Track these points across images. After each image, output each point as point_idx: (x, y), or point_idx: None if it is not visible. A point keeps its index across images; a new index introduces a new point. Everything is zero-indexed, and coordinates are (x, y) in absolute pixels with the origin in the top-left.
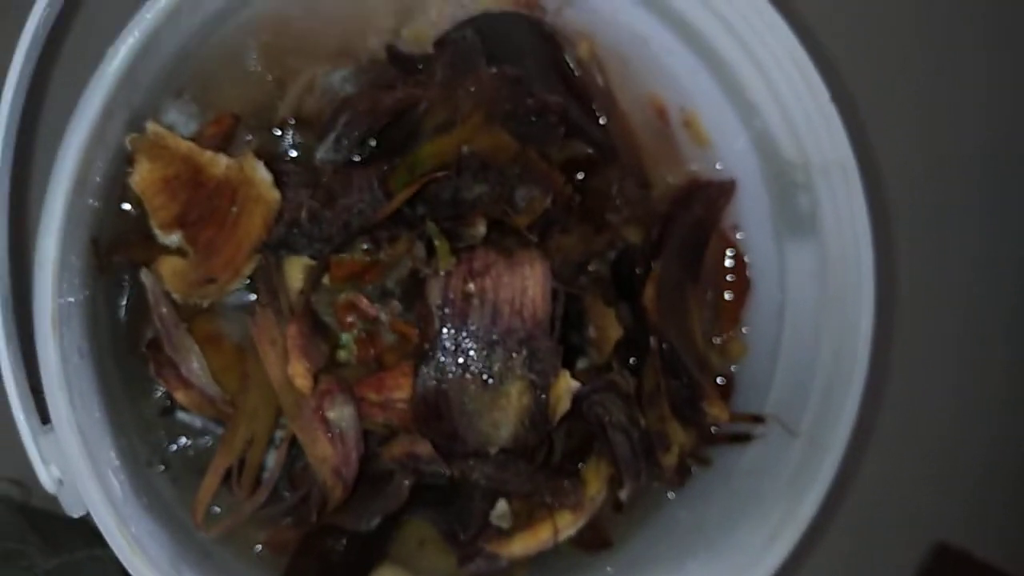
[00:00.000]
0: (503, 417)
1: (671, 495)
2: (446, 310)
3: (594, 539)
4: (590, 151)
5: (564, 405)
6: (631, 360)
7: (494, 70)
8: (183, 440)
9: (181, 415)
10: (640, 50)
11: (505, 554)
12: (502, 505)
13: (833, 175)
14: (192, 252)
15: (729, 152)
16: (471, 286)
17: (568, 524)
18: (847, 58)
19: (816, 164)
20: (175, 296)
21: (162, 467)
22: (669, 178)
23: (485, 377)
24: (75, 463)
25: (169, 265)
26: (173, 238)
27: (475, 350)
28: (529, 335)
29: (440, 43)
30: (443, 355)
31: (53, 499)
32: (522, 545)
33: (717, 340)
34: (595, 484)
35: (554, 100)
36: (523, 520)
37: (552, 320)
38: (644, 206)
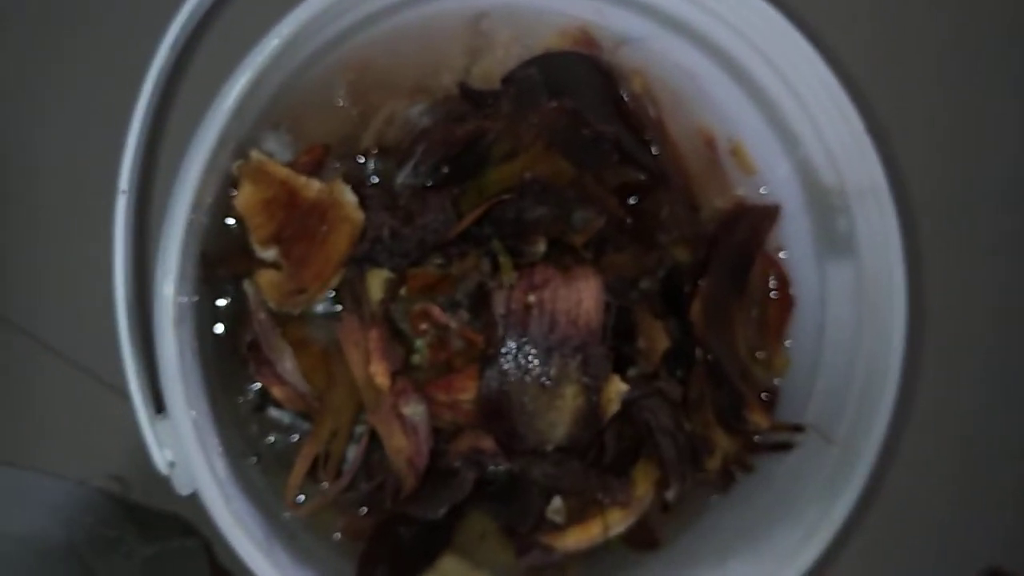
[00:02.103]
0: (558, 417)
1: (715, 498)
2: (508, 319)
3: (643, 538)
4: (642, 177)
5: (614, 406)
6: (678, 371)
7: (554, 104)
8: (272, 436)
9: (272, 412)
10: (689, 84)
11: (559, 547)
12: (557, 501)
13: (867, 199)
14: (286, 265)
15: (773, 178)
16: (531, 298)
17: (618, 521)
18: (880, 91)
19: (852, 189)
20: (270, 304)
21: (255, 459)
22: (717, 202)
23: (543, 380)
24: (188, 446)
25: (266, 277)
26: (270, 253)
27: (534, 355)
28: (583, 342)
29: (507, 80)
30: (505, 360)
31: (150, 493)
32: (575, 539)
33: (761, 355)
34: (643, 485)
35: (608, 130)
36: (576, 516)
37: (604, 329)
38: (692, 228)
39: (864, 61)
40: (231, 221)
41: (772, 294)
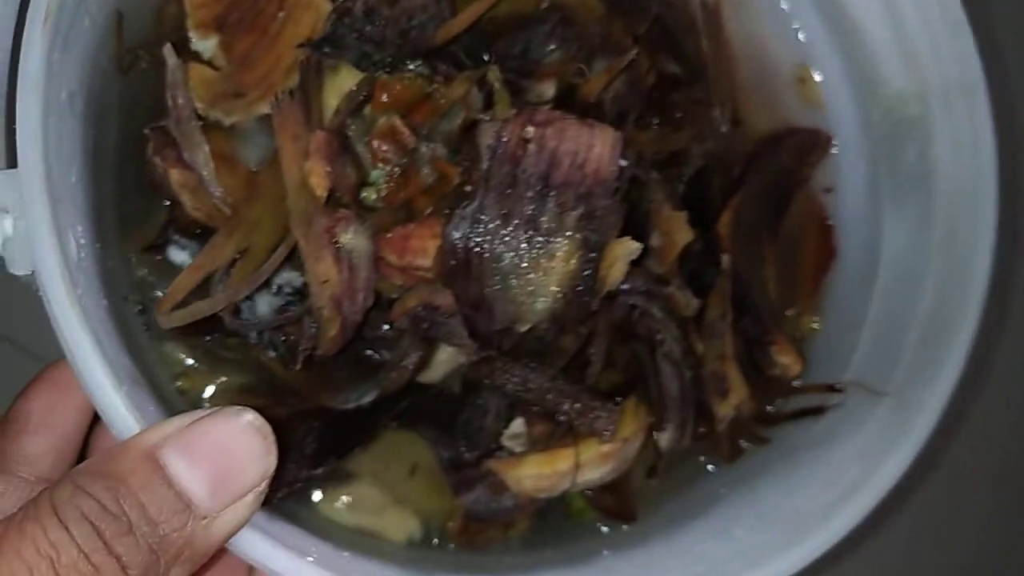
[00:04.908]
0: (543, 283)
1: (711, 467)
2: (498, 150)
3: (617, 506)
4: (678, 71)
5: (617, 273)
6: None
7: None
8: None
9: (172, 254)
10: None
11: (512, 482)
12: (518, 424)
13: (953, 100)
14: (226, 62)
15: (833, 97)
16: (530, 130)
17: (593, 461)
18: None
19: (934, 89)
20: (198, 106)
21: (139, 307)
22: (762, 122)
23: (530, 230)
24: (34, 205)
25: (197, 72)
26: (208, 45)
27: (523, 199)
28: (589, 191)
29: None
30: (485, 197)
31: None
32: (535, 470)
33: (790, 312)
34: (631, 425)
35: None
36: (541, 445)
37: (617, 187)
38: (729, 142)
39: None
40: None
41: (812, 243)
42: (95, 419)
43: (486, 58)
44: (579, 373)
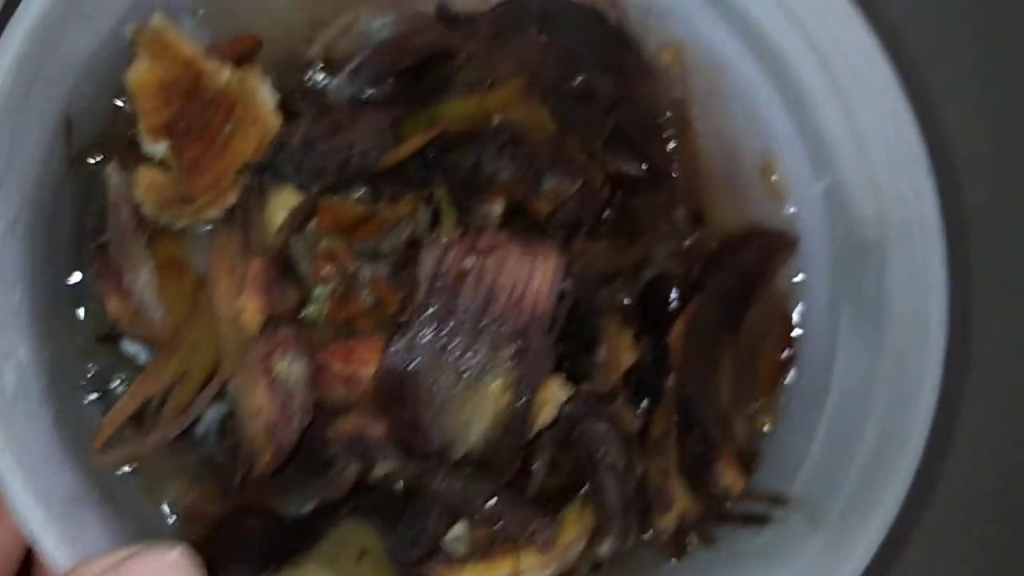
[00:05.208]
0: (476, 416)
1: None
2: (436, 282)
3: None
4: (638, 173)
5: (547, 415)
6: (641, 403)
7: (544, 37)
8: (123, 375)
9: (126, 345)
10: (720, 76)
11: None
12: (460, 527)
13: (911, 234)
14: (175, 166)
15: (800, 204)
16: (469, 262)
17: (533, 568)
18: (953, 107)
19: (893, 219)
20: (147, 209)
21: (95, 395)
22: (729, 220)
23: (464, 365)
24: None
25: (147, 176)
26: (158, 148)
27: (459, 333)
28: (523, 329)
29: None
30: (421, 329)
31: None
32: None
33: (747, 407)
34: (573, 530)
35: (605, 87)
36: (482, 552)
37: (553, 321)
38: (692, 241)
39: (940, 69)
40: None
41: (774, 342)
42: None
43: (435, 173)
44: (522, 481)
